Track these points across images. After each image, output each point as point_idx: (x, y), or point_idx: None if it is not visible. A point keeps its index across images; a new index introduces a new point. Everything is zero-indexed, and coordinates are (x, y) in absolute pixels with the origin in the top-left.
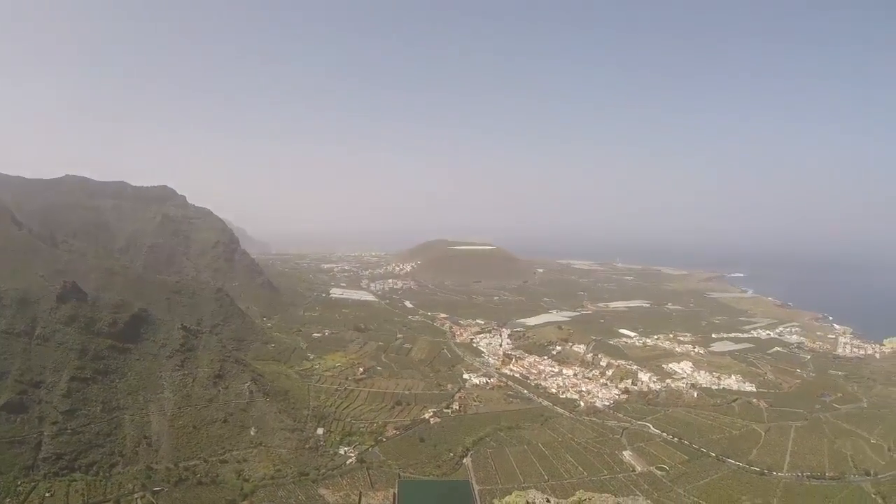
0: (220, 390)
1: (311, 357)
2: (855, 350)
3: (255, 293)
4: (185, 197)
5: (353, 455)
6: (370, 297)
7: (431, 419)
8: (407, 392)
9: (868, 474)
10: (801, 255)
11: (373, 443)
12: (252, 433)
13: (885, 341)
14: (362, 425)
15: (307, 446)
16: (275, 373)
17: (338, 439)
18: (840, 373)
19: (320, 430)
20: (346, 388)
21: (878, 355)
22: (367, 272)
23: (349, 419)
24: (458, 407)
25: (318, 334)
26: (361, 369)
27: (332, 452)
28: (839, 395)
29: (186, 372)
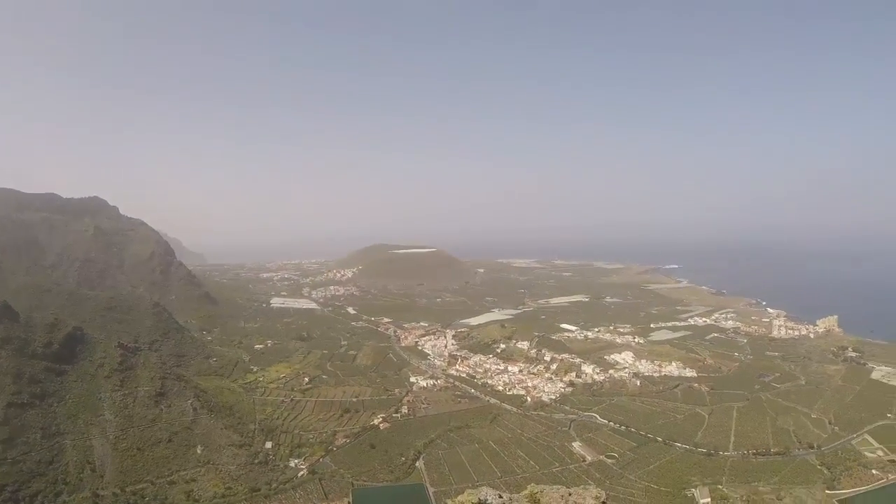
0: (162, 409)
1: (255, 369)
2: (790, 332)
3: (194, 306)
4: (117, 208)
5: (304, 467)
6: (312, 305)
7: (381, 425)
8: (354, 399)
9: (812, 447)
10: (732, 245)
11: (323, 453)
12: (199, 452)
13: (819, 321)
14: (311, 436)
15: (256, 461)
16: (218, 388)
17: (287, 452)
18: (776, 354)
19: (269, 444)
20: (292, 400)
21: (812, 335)
22: (308, 280)
23: (297, 430)
24: (407, 411)
25: (261, 346)
26: (307, 379)
27: (282, 466)
28: (777, 374)
29: (126, 392)
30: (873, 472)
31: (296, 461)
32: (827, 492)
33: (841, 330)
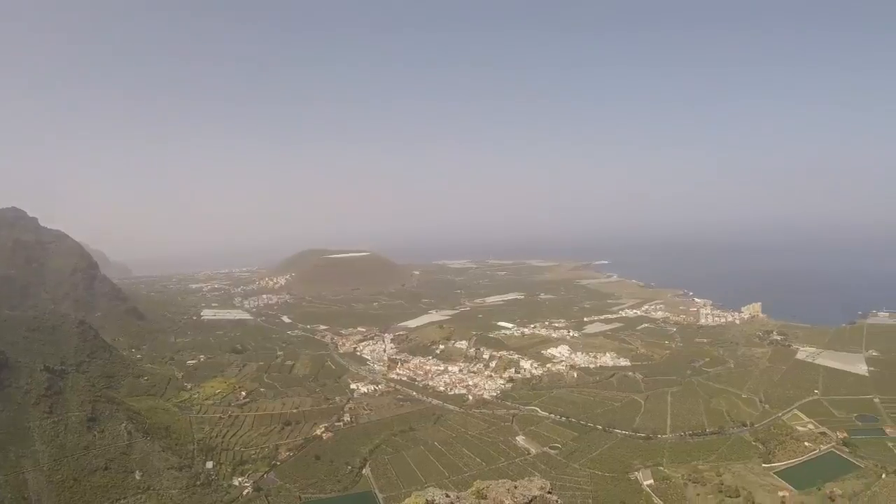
0: (95, 435)
1: (189, 387)
2: (716, 319)
3: (121, 322)
4: (36, 219)
5: (248, 485)
6: (245, 316)
7: (324, 435)
8: (295, 411)
9: (745, 425)
10: (658, 241)
11: (267, 468)
12: (137, 477)
13: (743, 308)
14: (253, 452)
15: (198, 483)
16: (152, 408)
17: (230, 470)
18: (705, 340)
19: (210, 464)
20: (230, 416)
21: (738, 321)
22: (240, 289)
23: (238, 447)
24: (349, 418)
25: (193, 361)
26: (244, 393)
27: (225, 486)
28: (707, 359)
29: (56, 419)
30: (806, 444)
31: (239, 479)
32: (763, 465)
33: (765, 315)
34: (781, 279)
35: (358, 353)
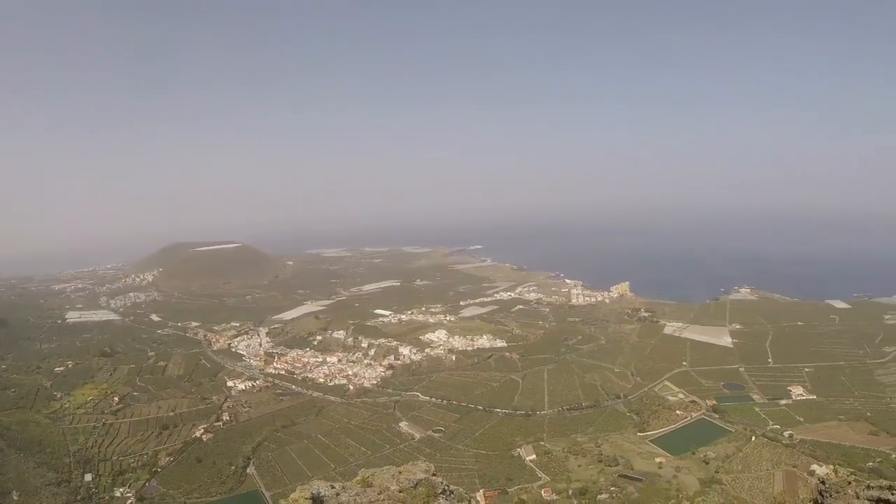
0: None
1: (59, 395)
2: (587, 299)
3: None
4: None
5: (130, 495)
6: (112, 316)
7: (204, 436)
8: (171, 413)
9: (619, 397)
10: (529, 225)
11: (149, 476)
12: (15, 498)
13: (612, 288)
14: (132, 460)
15: (79, 498)
16: (21, 422)
17: (110, 481)
18: (577, 319)
19: (88, 476)
20: (104, 424)
21: (607, 300)
22: (106, 288)
23: (117, 457)
24: (228, 417)
25: (61, 368)
26: (117, 399)
27: (107, 498)
28: (580, 337)
29: None
30: (677, 412)
31: (121, 490)
32: (639, 434)
33: (633, 294)
34: (647, 258)
35: (233, 349)
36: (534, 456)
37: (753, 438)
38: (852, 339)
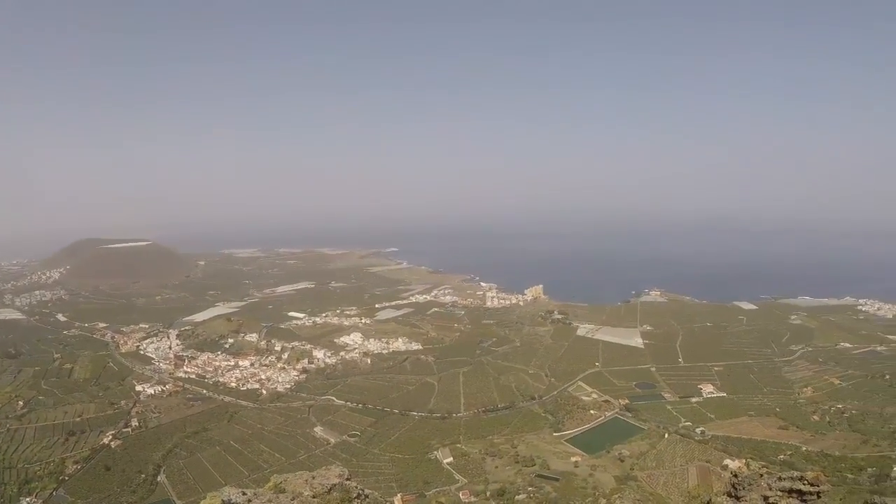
0: None
1: None
2: (502, 301)
3: None
4: None
5: None
6: (16, 315)
7: (112, 443)
8: (78, 419)
9: (534, 398)
10: (445, 228)
11: (56, 485)
12: None
13: (527, 290)
14: (38, 468)
15: None
16: None
17: (15, 491)
18: (492, 321)
19: None
20: (8, 429)
21: (522, 303)
22: (10, 285)
23: (22, 464)
24: (137, 423)
25: None
26: (21, 403)
27: None
28: (495, 339)
29: None
30: (591, 412)
31: (27, 499)
32: (554, 434)
33: (547, 296)
34: (559, 262)
35: (142, 352)
36: (451, 458)
37: (666, 435)
38: (760, 339)
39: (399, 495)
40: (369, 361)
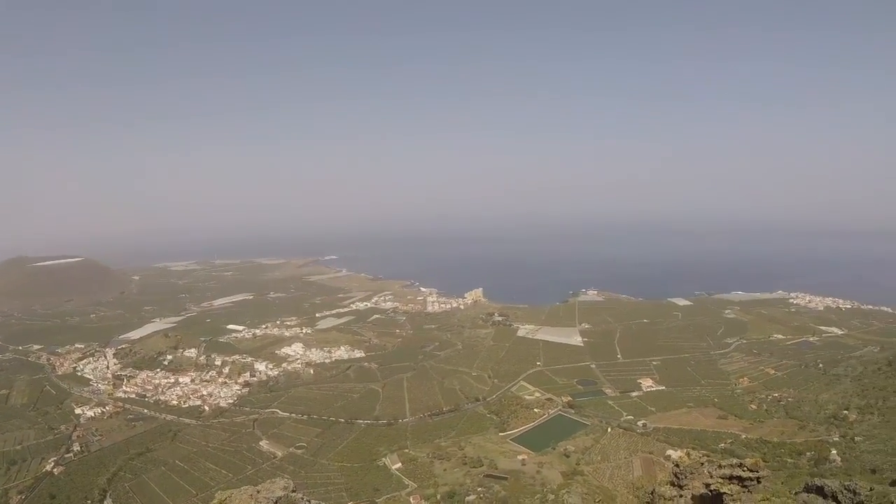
0: None
1: None
2: (442, 306)
3: None
4: None
5: None
6: None
7: (55, 470)
8: (19, 447)
9: (478, 400)
10: (386, 234)
11: None
12: None
13: (467, 294)
14: None
15: None
16: None
17: None
18: (434, 326)
19: None
20: None
21: (462, 307)
22: None
23: None
24: (79, 448)
25: None
26: None
27: None
28: (437, 343)
29: None
30: (535, 410)
31: None
32: (500, 434)
33: (486, 299)
34: (498, 265)
35: (79, 373)
36: (399, 464)
37: (609, 430)
38: (695, 333)
39: None
40: (312, 371)
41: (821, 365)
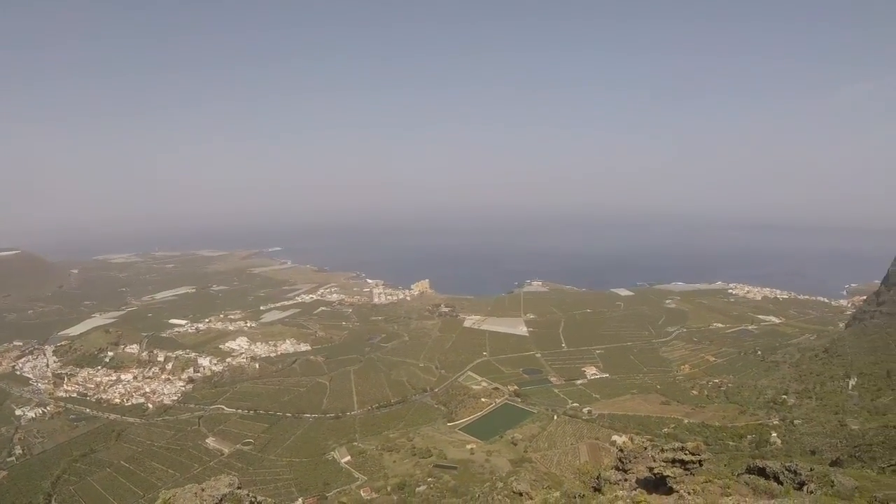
0: None
1: None
2: (389, 297)
3: None
4: None
5: None
6: None
7: None
8: None
9: (426, 391)
10: (332, 225)
11: None
12: None
13: (413, 286)
14: None
15: None
16: None
17: None
18: (380, 317)
19: None
20: None
21: (409, 298)
22: None
23: None
24: (21, 451)
25: None
26: None
27: None
28: (384, 335)
29: None
30: (482, 400)
31: None
32: (448, 424)
33: (433, 291)
34: (446, 256)
35: (18, 372)
36: (348, 457)
37: (556, 417)
38: (637, 322)
39: (300, 499)
40: (257, 366)
41: (759, 352)
